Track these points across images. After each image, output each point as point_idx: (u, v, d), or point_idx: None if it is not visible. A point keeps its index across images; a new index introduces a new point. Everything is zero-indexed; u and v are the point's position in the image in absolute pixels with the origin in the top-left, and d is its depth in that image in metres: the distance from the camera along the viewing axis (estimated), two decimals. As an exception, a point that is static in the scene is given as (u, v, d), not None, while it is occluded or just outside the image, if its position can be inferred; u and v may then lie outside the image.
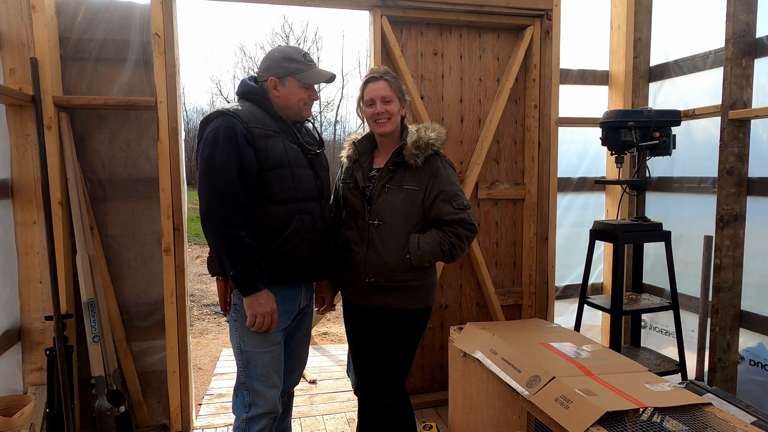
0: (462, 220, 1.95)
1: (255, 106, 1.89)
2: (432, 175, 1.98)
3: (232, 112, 1.80)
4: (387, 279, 1.98)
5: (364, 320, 2.10)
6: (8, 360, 2.52)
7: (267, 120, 1.87)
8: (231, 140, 1.75)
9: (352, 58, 28.21)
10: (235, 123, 1.77)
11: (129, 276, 2.82)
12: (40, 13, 2.48)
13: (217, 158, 1.73)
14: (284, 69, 1.89)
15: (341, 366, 3.99)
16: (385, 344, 2.05)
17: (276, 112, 1.91)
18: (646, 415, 1.71)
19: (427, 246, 1.94)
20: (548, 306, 3.26)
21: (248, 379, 1.89)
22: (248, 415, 1.89)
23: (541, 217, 3.22)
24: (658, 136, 2.73)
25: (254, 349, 1.87)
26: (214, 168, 1.73)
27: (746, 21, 2.57)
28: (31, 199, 2.59)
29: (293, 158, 1.88)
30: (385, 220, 1.97)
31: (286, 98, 1.92)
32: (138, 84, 2.75)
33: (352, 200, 2.04)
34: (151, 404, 2.87)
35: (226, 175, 1.73)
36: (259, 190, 1.82)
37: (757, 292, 2.68)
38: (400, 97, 2.02)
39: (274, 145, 1.84)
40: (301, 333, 2.12)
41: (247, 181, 1.78)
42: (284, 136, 1.89)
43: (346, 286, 2.14)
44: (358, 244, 2.02)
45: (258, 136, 1.81)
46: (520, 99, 3.24)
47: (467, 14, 2.99)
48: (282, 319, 1.89)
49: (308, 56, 1.94)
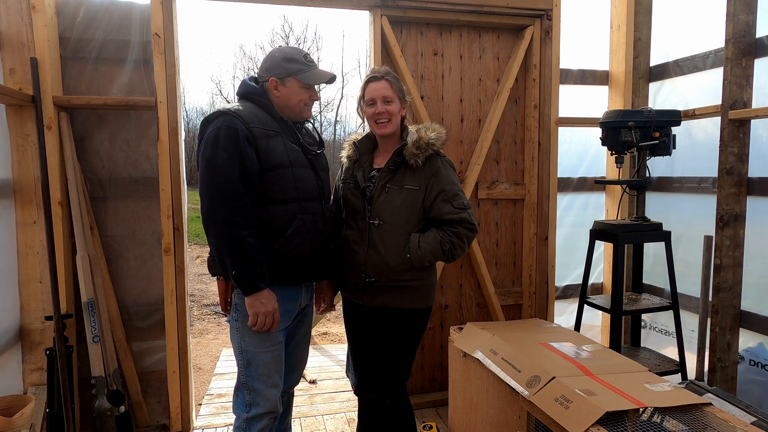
0: (462, 219, 1.96)
1: (256, 106, 1.89)
2: (432, 174, 1.98)
3: (234, 112, 1.80)
4: (387, 279, 1.98)
5: (365, 320, 2.10)
6: (8, 360, 2.53)
7: (268, 120, 1.88)
8: (232, 140, 1.75)
9: (352, 58, 28.22)
10: (236, 123, 1.77)
11: (129, 276, 2.82)
12: (40, 13, 2.48)
13: (219, 158, 1.73)
14: (285, 69, 1.90)
15: (341, 366, 3.99)
16: (386, 344, 2.05)
17: (277, 112, 1.91)
18: (646, 415, 1.71)
19: (428, 245, 1.94)
20: (548, 306, 3.26)
21: (249, 379, 1.89)
22: (249, 415, 1.89)
23: (541, 217, 3.22)
24: (658, 136, 2.73)
25: (255, 349, 1.87)
26: (216, 168, 1.73)
27: (746, 21, 2.57)
28: (31, 199, 2.59)
29: (294, 158, 1.88)
30: (386, 219, 1.97)
31: (287, 98, 1.92)
32: (138, 84, 2.75)
33: (352, 200, 2.04)
34: (151, 404, 2.87)
35: (228, 175, 1.73)
36: (260, 190, 1.81)
37: (757, 292, 2.68)
38: (401, 98, 2.02)
39: (275, 145, 1.84)
40: (302, 333, 2.12)
41: (249, 181, 1.77)
42: (285, 137, 1.90)
43: (346, 286, 2.14)
44: (358, 244, 2.02)
45: (259, 137, 1.81)
46: (520, 99, 3.24)
47: (467, 14, 2.99)
48: (283, 319, 1.90)
49: (309, 57, 1.94)
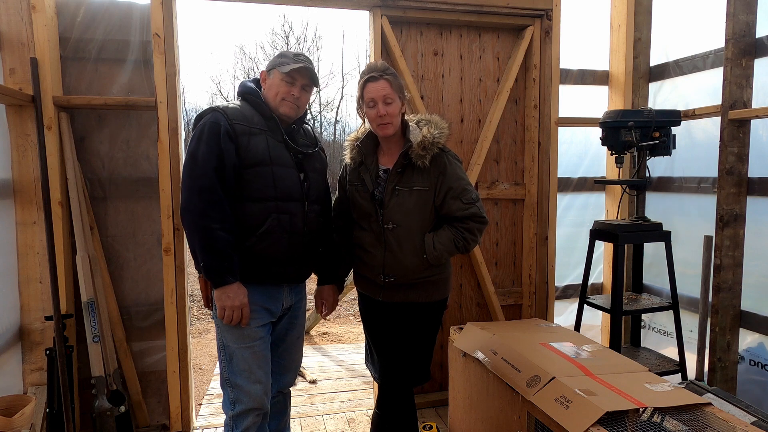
0: (473, 214, 1.99)
1: (248, 104, 1.94)
2: (440, 173, 1.99)
3: (221, 109, 1.85)
4: (407, 278, 2.02)
5: (385, 315, 2.12)
6: (8, 360, 2.52)
7: (256, 118, 1.90)
8: (214, 135, 1.80)
9: (352, 58, 28.18)
10: (220, 119, 1.82)
11: (129, 276, 2.82)
12: (40, 13, 2.48)
13: (200, 152, 1.79)
14: (273, 63, 1.95)
15: (341, 366, 3.99)
16: (409, 336, 2.08)
17: (268, 111, 1.93)
18: (646, 415, 1.71)
19: (443, 246, 1.98)
20: (548, 306, 3.26)
21: (231, 375, 1.90)
22: (233, 412, 1.90)
23: (541, 217, 3.22)
24: (658, 136, 2.73)
25: (235, 345, 1.88)
26: (196, 161, 1.79)
27: (746, 21, 2.57)
28: (31, 199, 2.59)
29: (276, 157, 1.89)
30: (399, 223, 1.98)
31: (269, 91, 1.94)
32: (138, 84, 2.75)
33: (363, 203, 2.05)
34: (151, 404, 2.87)
35: (206, 169, 1.77)
36: (238, 187, 1.84)
37: (757, 292, 2.67)
38: (401, 96, 2.01)
39: (257, 142, 1.86)
40: (294, 335, 2.12)
41: (227, 177, 1.81)
42: (271, 135, 1.91)
43: (364, 284, 2.16)
44: (375, 247, 2.03)
45: (241, 133, 1.84)
46: (520, 99, 3.24)
47: (467, 14, 2.99)
48: (260, 316, 1.91)
49: (301, 56, 1.96)
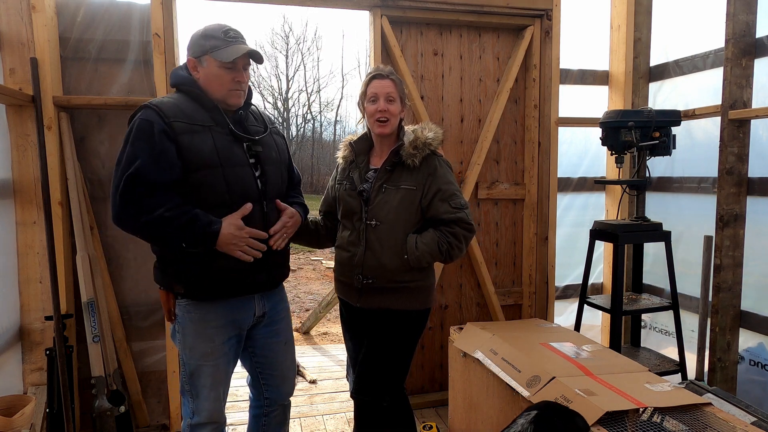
0: (459, 219, 1.94)
1: (187, 97, 1.71)
2: (430, 174, 1.97)
3: (154, 106, 1.63)
4: (385, 280, 1.97)
5: (362, 322, 2.09)
6: (8, 360, 2.52)
7: (197, 112, 1.68)
8: (146, 135, 1.58)
9: (352, 59, 28.24)
10: (153, 117, 1.60)
11: (129, 276, 2.81)
12: (40, 13, 2.48)
13: (124, 156, 1.58)
14: (200, 47, 1.68)
15: (341, 366, 3.99)
16: (383, 346, 2.02)
17: (210, 101, 1.70)
18: (646, 415, 1.71)
19: (425, 246, 1.93)
20: (548, 306, 3.26)
21: (192, 388, 1.80)
22: (192, 422, 1.82)
23: (541, 217, 3.22)
24: (658, 136, 2.73)
25: (197, 362, 1.76)
26: (119, 165, 1.58)
27: (746, 21, 2.57)
28: (31, 199, 2.59)
29: (226, 157, 1.67)
30: (383, 220, 1.95)
31: (208, 82, 1.70)
32: (138, 84, 2.75)
33: (348, 201, 2.02)
34: (151, 404, 2.87)
35: (128, 167, 1.55)
36: (185, 194, 1.63)
37: (757, 292, 2.68)
38: (402, 99, 2.01)
39: (201, 142, 1.64)
40: (279, 342, 1.94)
41: (168, 182, 1.59)
42: (218, 130, 1.68)
43: (342, 288, 2.12)
44: (354, 245, 2.00)
45: (181, 132, 1.62)
46: (520, 99, 3.24)
47: (467, 14, 2.99)
48: (225, 331, 1.77)
49: (231, 32, 1.70)
